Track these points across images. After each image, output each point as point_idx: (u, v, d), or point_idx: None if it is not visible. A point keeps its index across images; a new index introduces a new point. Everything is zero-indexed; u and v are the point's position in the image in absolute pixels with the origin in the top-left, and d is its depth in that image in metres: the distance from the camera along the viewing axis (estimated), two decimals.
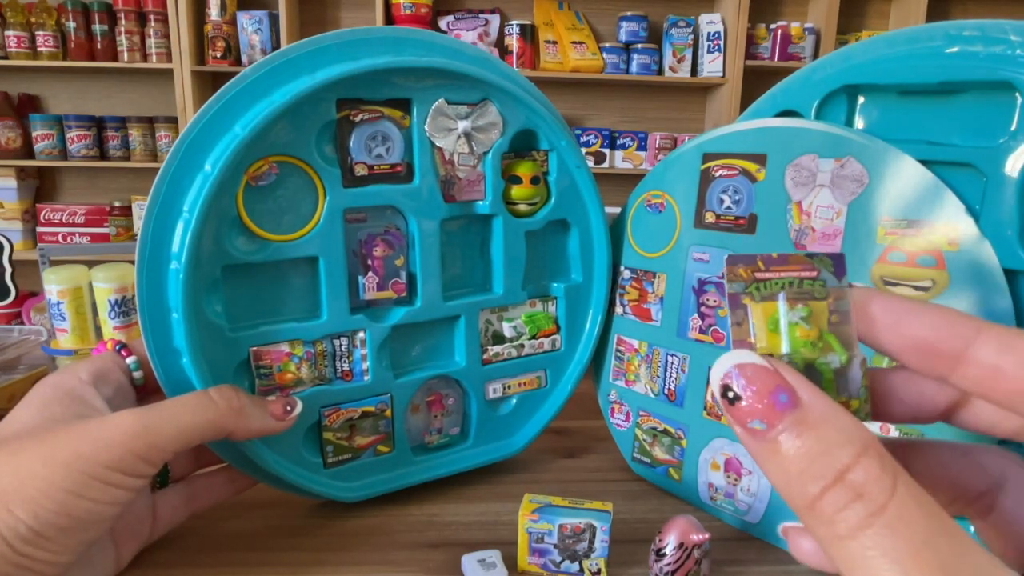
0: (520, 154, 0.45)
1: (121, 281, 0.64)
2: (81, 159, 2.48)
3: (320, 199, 0.40)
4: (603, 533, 0.38)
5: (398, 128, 0.41)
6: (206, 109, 0.37)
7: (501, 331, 0.48)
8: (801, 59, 2.52)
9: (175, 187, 0.37)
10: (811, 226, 0.37)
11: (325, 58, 0.39)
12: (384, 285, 0.43)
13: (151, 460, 0.32)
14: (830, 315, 0.21)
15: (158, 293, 0.37)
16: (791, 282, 0.22)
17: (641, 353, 0.48)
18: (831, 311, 0.21)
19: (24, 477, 0.30)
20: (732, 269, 0.22)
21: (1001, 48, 0.32)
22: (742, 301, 0.21)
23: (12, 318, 2.18)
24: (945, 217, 0.33)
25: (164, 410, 0.34)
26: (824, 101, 0.38)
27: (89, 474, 0.30)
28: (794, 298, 0.21)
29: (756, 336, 0.21)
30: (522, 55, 2.51)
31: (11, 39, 2.35)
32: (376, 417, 0.44)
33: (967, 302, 0.32)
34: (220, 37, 2.42)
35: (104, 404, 0.36)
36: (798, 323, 0.21)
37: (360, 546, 0.42)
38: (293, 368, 0.41)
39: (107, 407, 0.35)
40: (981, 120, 0.34)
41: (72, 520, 0.30)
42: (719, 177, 0.40)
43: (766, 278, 0.22)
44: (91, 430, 0.32)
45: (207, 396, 0.35)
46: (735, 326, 0.21)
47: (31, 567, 0.30)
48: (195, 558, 0.40)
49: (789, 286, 0.21)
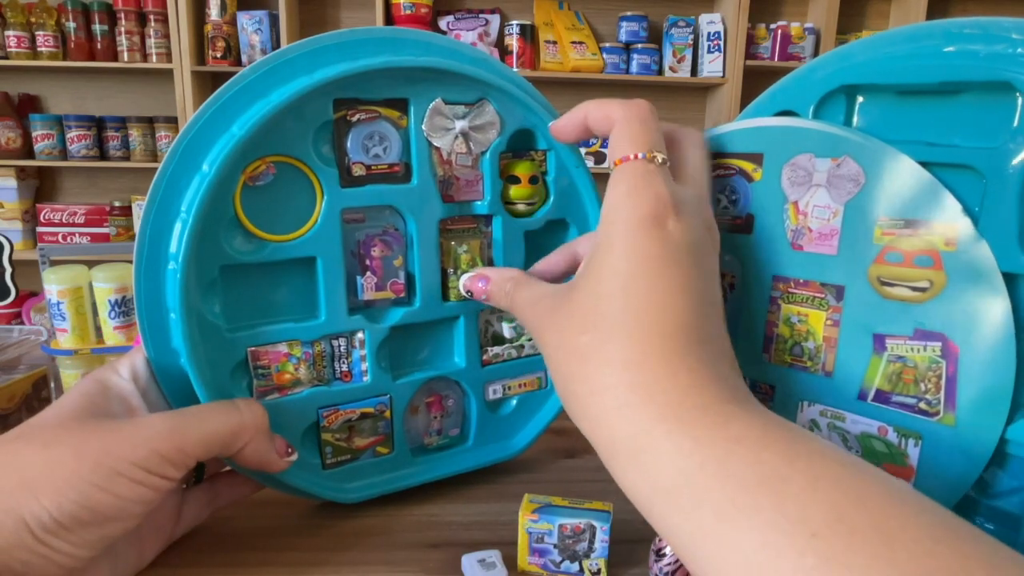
0: (518, 154, 0.45)
1: (121, 281, 0.64)
2: (81, 159, 2.48)
3: (318, 199, 0.40)
4: (603, 533, 0.38)
5: (395, 128, 0.41)
6: (204, 110, 0.37)
7: (500, 332, 0.48)
8: (801, 59, 2.52)
9: (173, 188, 0.37)
10: (808, 226, 0.37)
11: (323, 58, 0.39)
12: (382, 285, 0.43)
13: (176, 463, 0.33)
14: (480, 251, 0.45)
15: (156, 293, 0.38)
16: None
17: None
18: (480, 248, 0.45)
19: (54, 468, 0.31)
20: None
21: (1002, 47, 0.32)
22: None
23: (12, 318, 2.18)
24: (942, 217, 0.33)
25: (192, 415, 0.35)
26: (822, 101, 0.38)
27: (116, 470, 0.31)
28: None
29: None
30: (522, 55, 2.51)
31: (11, 39, 2.35)
32: (375, 418, 0.44)
33: (965, 303, 0.32)
34: (220, 37, 2.42)
35: (141, 401, 0.37)
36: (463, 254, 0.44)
37: (360, 546, 0.42)
38: (291, 368, 0.41)
39: (144, 404, 0.37)
40: (981, 121, 0.34)
41: (94, 514, 0.31)
42: (716, 177, 0.40)
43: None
44: (123, 428, 0.33)
45: (234, 406, 0.37)
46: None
47: (51, 557, 0.30)
48: (196, 558, 0.40)
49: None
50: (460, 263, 0.44)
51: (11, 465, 0.31)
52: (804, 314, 0.38)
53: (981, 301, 0.32)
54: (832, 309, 0.37)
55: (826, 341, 0.37)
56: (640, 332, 0.28)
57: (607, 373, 0.28)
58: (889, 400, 0.35)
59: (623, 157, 0.32)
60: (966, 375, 0.33)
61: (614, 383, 0.28)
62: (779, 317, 0.39)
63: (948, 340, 0.33)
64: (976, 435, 0.32)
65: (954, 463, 0.33)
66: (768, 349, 0.40)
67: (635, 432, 0.26)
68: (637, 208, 0.30)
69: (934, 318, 0.33)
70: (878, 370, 0.35)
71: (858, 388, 0.36)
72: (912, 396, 0.34)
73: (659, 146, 0.33)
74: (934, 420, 0.34)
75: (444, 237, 0.44)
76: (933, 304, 0.33)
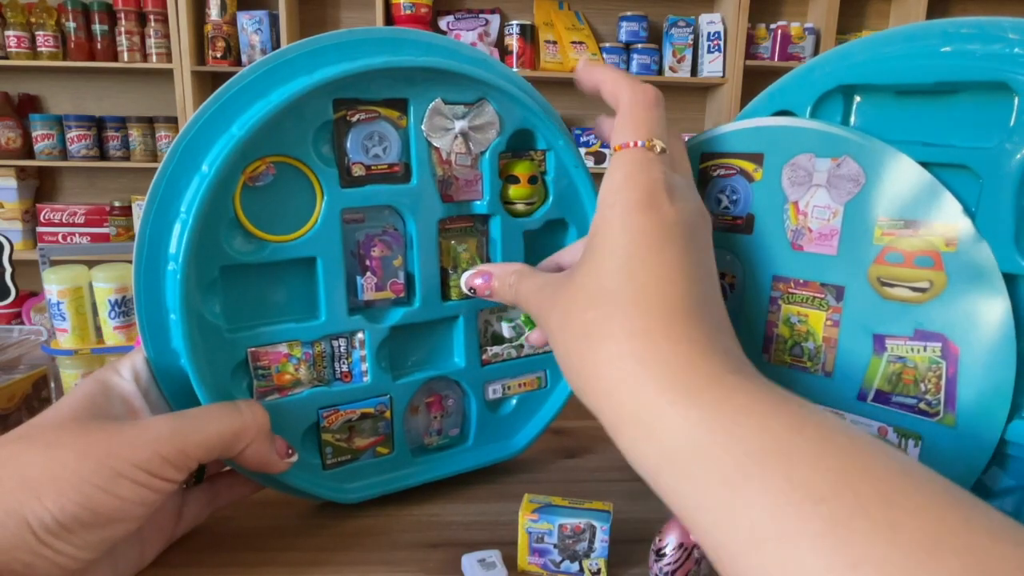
0: (517, 154, 0.45)
1: (121, 281, 0.64)
2: (81, 159, 2.48)
3: (318, 199, 0.40)
4: (603, 533, 0.38)
5: (395, 128, 0.41)
6: (203, 110, 0.37)
7: (500, 331, 0.48)
8: (801, 59, 2.52)
9: (172, 188, 0.37)
10: (808, 226, 0.37)
11: (323, 58, 0.39)
12: (382, 285, 0.43)
13: (178, 465, 0.33)
14: (478, 249, 0.45)
15: (156, 294, 0.38)
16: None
17: None
18: (478, 247, 0.45)
19: (56, 469, 0.31)
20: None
21: (998, 47, 0.32)
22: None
23: (12, 318, 2.18)
24: (943, 217, 0.33)
25: (194, 418, 0.35)
26: (819, 101, 0.38)
27: (118, 472, 0.31)
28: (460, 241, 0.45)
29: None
30: (522, 55, 2.51)
31: (11, 39, 2.35)
32: (375, 418, 0.44)
33: (965, 303, 0.32)
34: (220, 37, 2.42)
35: (143, 402, 0.37)
36: (462, 253, 0.45)
37: (360, 546, 0.42)
38: (291, 369, 0.41)
39: (145, 405, 0.37)
40: (978, 121, 0.34)
41: (96, 516, 0.31)
42: (716, 177, 0.40)
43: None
44: (125, 430, 0.33)
45: (235, 408, 0.37)
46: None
47: (53, 558, 0.30)
48: (195, 558, 0.40)
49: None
50: (460, 262, 0.45)
51: (13, 466, 0.31)
52: (804, 314, 0.38)
53: (981, 302, 0.32)
54: (832, 309, 0.37)
55: (826, 341, 0.37)
56: (643, 304, 0.29)
57: (612, 345, 0.29)
58: (889, 401, 0.35)
59: (623, 144, 0.34)
60: (966, 376, 0.33)
61: (618, 353, 0.28)
62: (779, 317, 0.39)
63: (948, 341, 0.33)
64: (976, 436, 0.32)
65: (954, 463, 0.33)
66: (768, 349, 0.40)
67: (642, 402, 0.27)
68: (634, 191, 0.32)
69: (934, 318, 0.33)
70: (878, 370, 0.35)
71: (858, 388, 0.36)
72: (912, 397, 0.34)
73: (660, 134, 0.34)
74: (934, 421, 0.34)
75: (443, 237, 0.44)
76: (933, 304, 0.33)
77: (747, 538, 0.22)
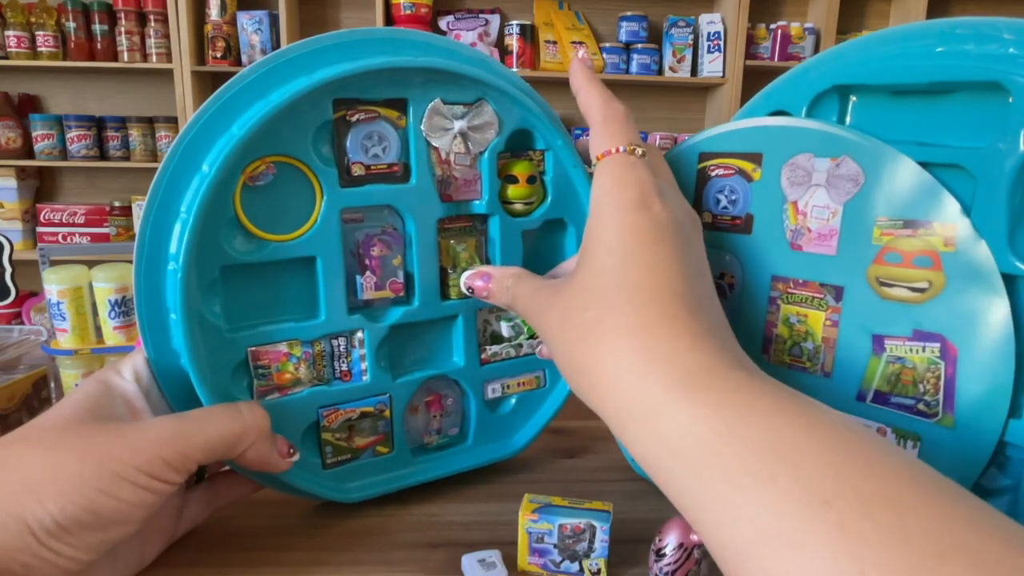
0: (516, 154, 0.45)
1: (121, 281, 0.64)
2: (81, 159, 2.48)
3: (317, 199, 0.40)
4: (603, 533, 0.38)
5: (394, 128, 0.41)
6: (204, 110, 0.37)
7: (499, 331, 0.48)
8: (801, 59, 2.52)
9: (173, 188, 0.37)
10: (807, 226, 0.37)
11: (322, 58, 0.39)
12: (382, 285, 0.43)
13: (179, 467, 0.34)
14: (477, 248, 0.45)
15: (156, 294, 0.38)
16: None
17: None
18: (477, 246, 0.45)
19: (57, 471, 0.31)
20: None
21: (993, 47, 0.32)
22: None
23: (12, 318, 2.18)
24: (941, 217, 0.33)
25: (195, 420, 0.35)
26: (815, 101, 0.38)
27: (119, 474, 0.31)
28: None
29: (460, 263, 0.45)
30: (522, 55, 2.51)
31: (11, 39, 2.35)
32: (375, 418, 0.45)
33: (964, 304, 0.32)
34: (220, 37, 2.42)
35: (144, 403, 0.37)
36: (461, 252, 0.44)
37: (360, 546, 0.42)
38: (291, 368, 0.41)
39: (147, 405, 0.37)
40: (972, 121, 0.34)
41: (97, 518, 0.31)
42: (715, 176, 0.40)
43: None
44: (126, 432, 0.33)
45: (236, 409, 0.37)
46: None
47: (53, 560, 0.30)
48: (195, 557, 0.40)
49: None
50: (459, 261, 0.45)
51: (14, 467, 0.31)
52: (803, 314, 0.38)
53: (980, 302, 0.32)
54: (831, 309, 0.37)
55: (825, 342, 0.37)
56: (640, 299, 0.29)
57: (612, 340, 0.29)
58: (888, 401, 0.35)
59: (605, 151, 0.35)
60: (965, 376, 0.33)
61: (619, 348, 0.28)
62: (778, 317, 0.39)
63: (947, 341, 0.33)
64: (975, 436, 0.33)
65: (953, 464, 0.33)
66: (767, 350, 0.40)
67: (644, 395, 0.27)
68: (624, 192, 0.33)
69: (933, 319, 0.33)
70: (877, 371, 0.35)
71: (857, 389, 0.36)
72: (911, 397, 0.34)
73: (638, 141, 0.35)
74: (933, 421, 0.34)
75: (442, 236, 0.44)
76: (932, 305, 0.33)
77: (750, 537, 0.22)
